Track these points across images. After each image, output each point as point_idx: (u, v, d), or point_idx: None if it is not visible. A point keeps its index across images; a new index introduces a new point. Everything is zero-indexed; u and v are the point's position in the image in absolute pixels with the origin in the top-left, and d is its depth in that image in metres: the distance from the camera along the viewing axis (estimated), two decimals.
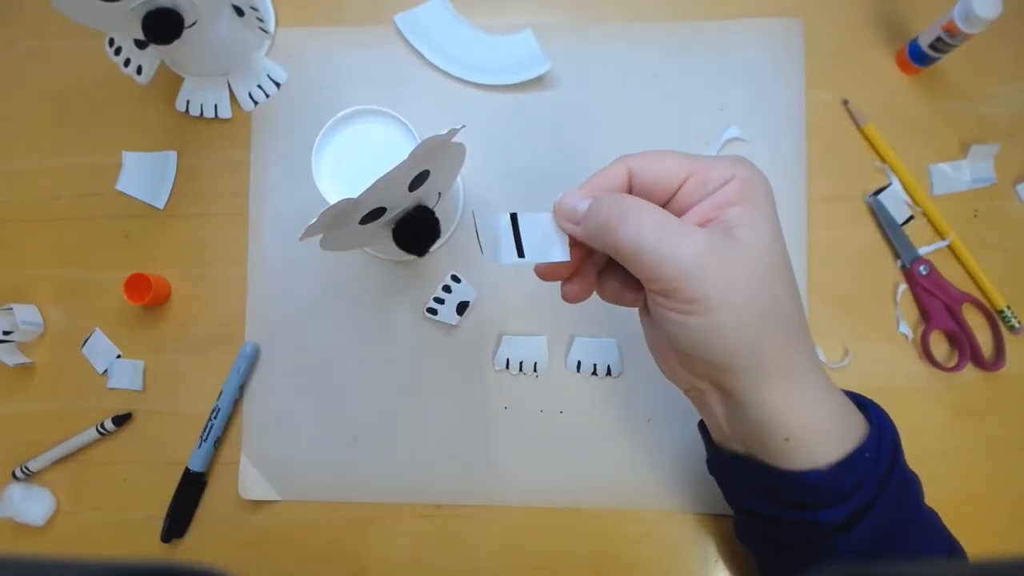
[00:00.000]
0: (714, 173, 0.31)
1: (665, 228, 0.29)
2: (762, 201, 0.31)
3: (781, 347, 0.31)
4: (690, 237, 0.29)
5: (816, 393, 0.32)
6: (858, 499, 0.32)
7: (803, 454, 0.32)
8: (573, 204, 0.32)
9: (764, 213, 0.31)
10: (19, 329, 0.51)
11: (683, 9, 0.53)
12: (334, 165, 0.44)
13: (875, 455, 0.32)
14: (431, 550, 0.49)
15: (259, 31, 0.51)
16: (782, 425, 0.32)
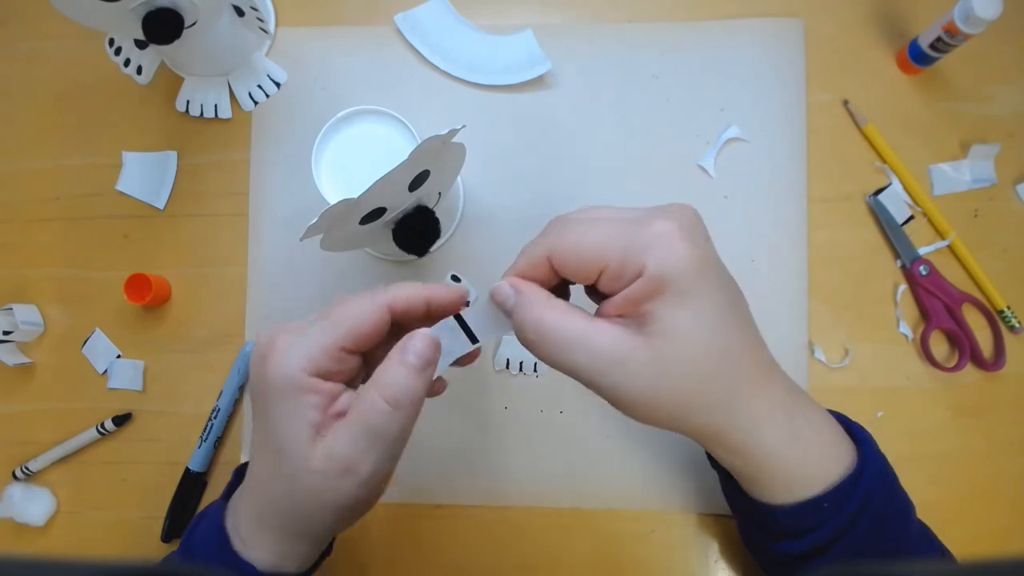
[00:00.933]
0: (627, 270, 0.29)
1: (568, 346, 0.30)
2: (675, 291, 0.29)
3: (710, 424, 0.31)
4: (592, 353, 0.30)
5: (765, 449, 0.32)
6: (815, 538, 0.32)
7: (763, 493, 0.33)
8: (502, 300, 0.32)
9: (679, 304, 0.29)
10: (19, 329, 0.51)
11: (683, 9, 0.53)
12: (334, 165, 0.44)
13: (836, 506, 0.32)
14: (431, 550, 0.49)
15: (259, 31, 0.51)
16: (734, 469, 0.33)
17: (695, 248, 0.29)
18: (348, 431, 0.30)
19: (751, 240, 0.50)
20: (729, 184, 0.51)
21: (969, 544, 0.48)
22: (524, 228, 0.51)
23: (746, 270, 0.50)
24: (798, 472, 0.32)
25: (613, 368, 0.29)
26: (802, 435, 0.32)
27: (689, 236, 0.29)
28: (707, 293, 0.29)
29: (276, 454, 0.31)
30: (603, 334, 0.30)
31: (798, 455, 0.32)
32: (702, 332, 0.29)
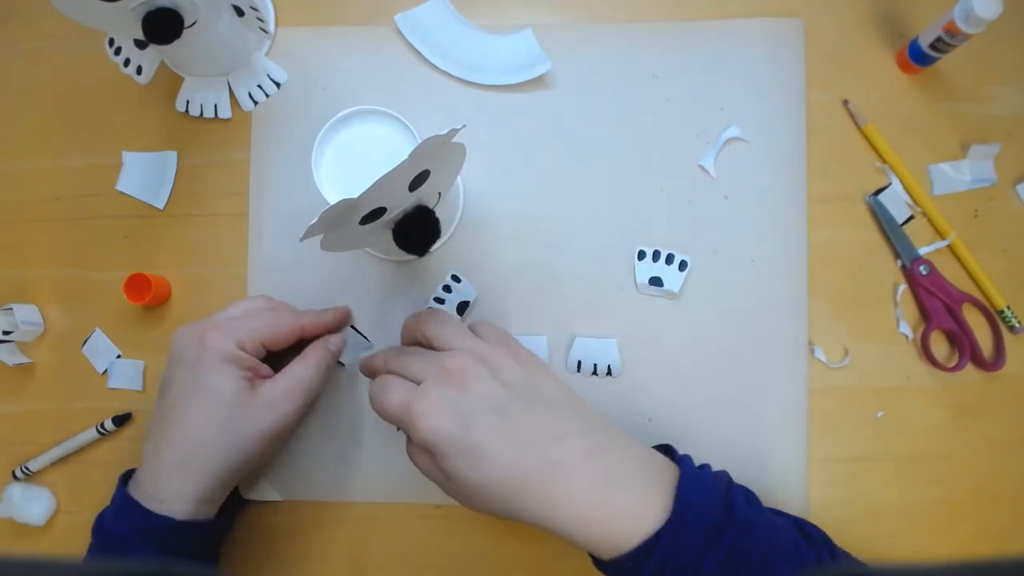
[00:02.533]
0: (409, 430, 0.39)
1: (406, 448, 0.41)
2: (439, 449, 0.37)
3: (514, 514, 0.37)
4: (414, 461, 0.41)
5: (571, 526, 0.36)
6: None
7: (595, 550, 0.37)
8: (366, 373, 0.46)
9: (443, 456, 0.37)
10: (19, 329, 0.51)
11: (683, 9, 0.53)
12: (334, 165, 0.44)
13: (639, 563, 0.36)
14: (431, 550, 0.49)
15: (259, 31, 0.51)
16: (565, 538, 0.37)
17: (439, 424, 0.37)
18: (281, 383, 0.44)
19: (751, 240, 0.50)
20: (729, 184, 0.51)
21: (969, 544, 0.48)
22: (524, 228, 0.51)
23: (746, 270, 0.50)
24: (597, 545, 0.37)
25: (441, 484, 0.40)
26: (599, 514, 0.36)
27: (436, 412, 0.37)
28: (463, 450, 0.37)
29: (214, 403, 0.42)
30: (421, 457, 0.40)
31: (593, 533, 0.36)
32: (472, 474, 0.37)
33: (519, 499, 0.37)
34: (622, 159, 0.51)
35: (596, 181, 0.51)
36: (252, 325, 0.44)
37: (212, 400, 0.42)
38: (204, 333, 0.42)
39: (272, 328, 0.44)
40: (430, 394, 0.38)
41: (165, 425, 0.42)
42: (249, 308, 0.46)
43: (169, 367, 0.43)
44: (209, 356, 0.42)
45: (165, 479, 0.41)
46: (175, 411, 0.42)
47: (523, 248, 0.51)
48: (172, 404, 0.42)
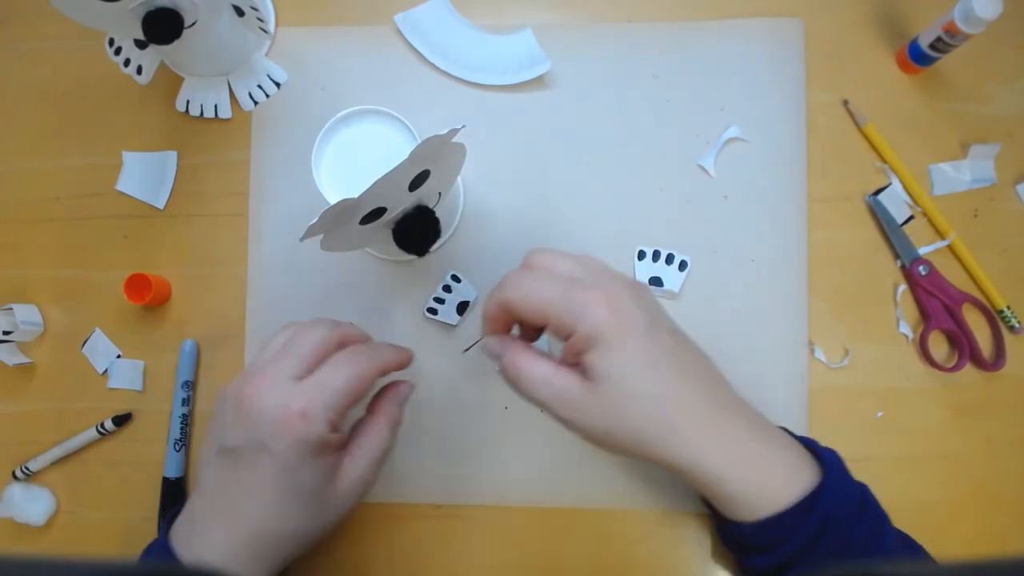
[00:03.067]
0: (563, 325, 0.35)
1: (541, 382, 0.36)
2: (605, 344, 0.35)
3: (662, 454, 0.36)
4: (553, 388, 0.36)
5: (720, 471, 0.36)
6: (780, 554, 0.36)
7: (723, 510, 0.37)
8: (490, 352, 0.39)
9: (613, 358, 0.35)
10: (19, 329, 0.51)
11: (683, 9, 0.53)
12: (334, 165, 0.44)
13: (797, 522, 0.35)
14: (431, 550, 0.49)
15: (259, 31, 0.51)
16: (696, 487, 0.37)
17: (616, 315, 0.35)
18: (362, 460, 0.40)
19: (751, 240, 0.50)
20: (729, 184, 0.51)
21: (969, 544, 0.48)
22: (524, 228, 0.51)
23: (746, 270, 0.50)
24: (753, 495, 0.36)
25: (570, 405, 0.36)
26: (753, 462, 0.36)
27: (612, 303, 0.35)
28: (632, 349, 0.35)
29: (300, 498, 0.37)
30: (562, 378, 0.36)
31: (751, 479, 0.36)
32: (631, 379, 0.35)
33: (677, 426, 0.35)
34: (622, 159, 0.51)
35: (596, 181, 0.51)
36: (338, 392, 0.37)
37: (297, 495, 0.37)
38: (292, 422, 0.36)
39: (358, 388, 0.38)
40: (605, 284, 0.36)
41: (233, 503, 0.37)
42: (319, 348, 0.39)
43: (245, 443, 0.37)
44: (299, 450, 0.36)
45: (227, 560, 0.36)
46: (249, 494, 0.37)
47: (523, 248, 0.50)
48: (246, 484, 0.37)
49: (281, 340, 0.40)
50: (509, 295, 0.37)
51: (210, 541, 0.37)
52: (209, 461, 0.38)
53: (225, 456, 0.37)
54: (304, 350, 0.39)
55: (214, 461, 0.38)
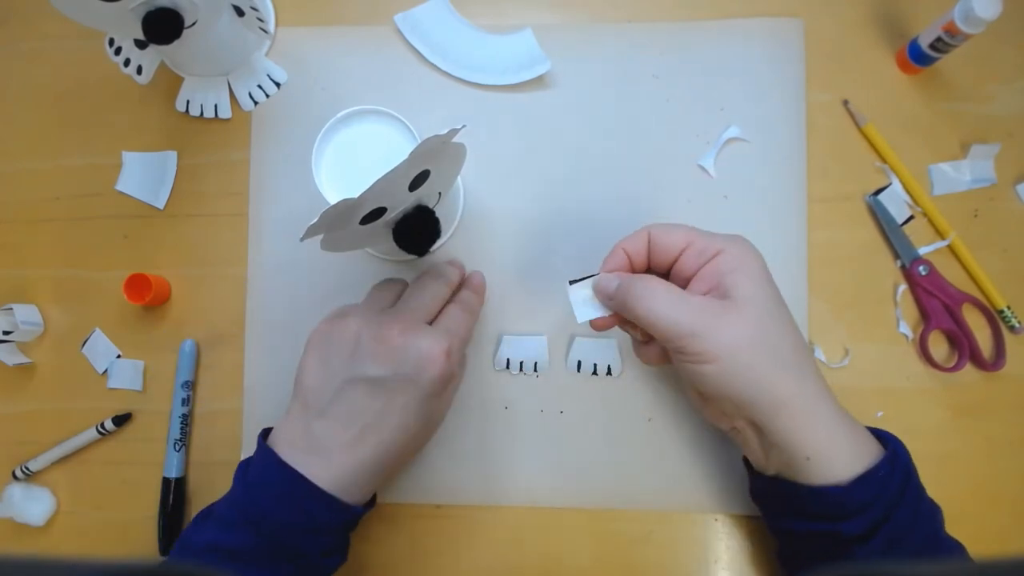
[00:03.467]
0: (708, 246, 0.38)
1: (670, 301, 0.37)
2: (751, 268, 0.38)
3: (785, 382, 0.36)
4: (689, 305, 0.37)
5: (828, 418, 0.37)
6: (874, 512, 0.36)
7: (822, 470, 0.37)
8: (606, 285, 0.40)
9: (754, 277, 0.38)
10: (19, 329, 0.51)
11: (683, 9, 0.53)
12: (334, 165, 0.44)
13: (888, 474, 0.36)
14: (431, 550, 0.49)
15: (259, 31, 0.51)
16: (801, 446, 0.37)
17: (758, 257, 0.39)
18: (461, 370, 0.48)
19: (751, 240, 0.50)
20: (729, 184, 0.51)
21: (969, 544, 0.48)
22: (524, 228, 0.51)
23: None
24: (852, 447, 0.37)
25: (709, 323, 0.36)
26: (844, 416, 0.38)
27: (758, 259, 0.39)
28: (767, 277, 0.38)
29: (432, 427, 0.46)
30: (697, 297, 0.38)
31: (848, 431, 0.37)
32: (771, 305, 0.37)
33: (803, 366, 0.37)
34: (622, 159, 0.51)
35: (596, 181, 0.51)
36: (464, 336, 0.45)
37: (428, 418, 0.43)
38: (438, 359, 0.41)
39: (473, 330, 0.47)
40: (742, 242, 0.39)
41: (371, 426, 0.41)
42: (439, 300, 0.46)
43: (392, 375, 0.41)
44: (440, 382, 0.42)
45: (349, 478, 0.40)
46: (390, 417, 0.41)
47: (523, 248, 0.51)
48: (388, 409, 0.41)
49: (391, 293, 0.46)
50: (654, 227, 0.40)
51: (339, 461, 0.40)
52: (341, 389, 0.41)
53: (367, 384, 0.41)
54: (427, 301, 0.45)
55: (347, 389, 0.41)
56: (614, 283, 0.40)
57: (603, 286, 0.41)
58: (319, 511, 0.39)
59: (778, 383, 0.36)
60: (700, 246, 0.39)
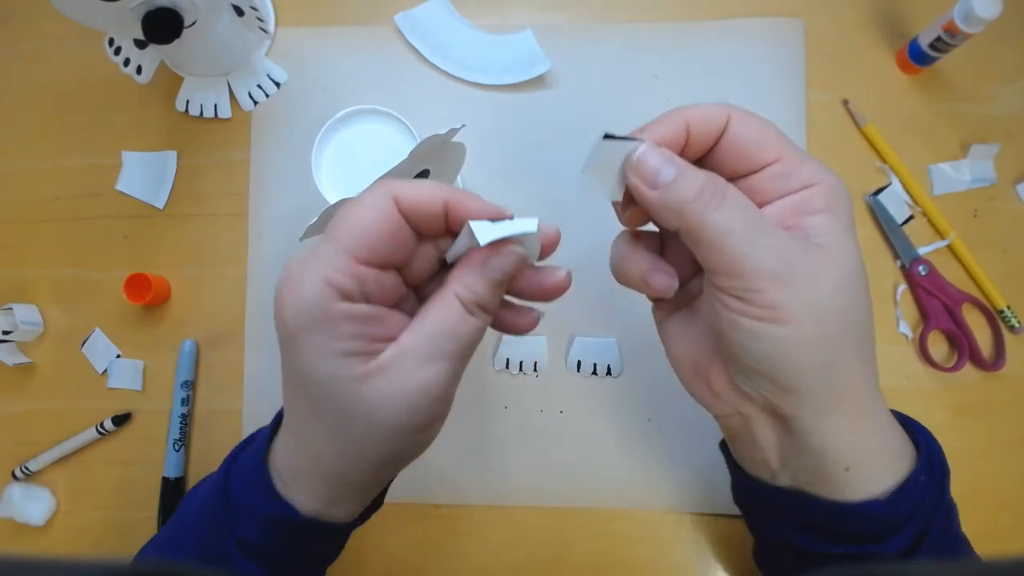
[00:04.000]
0: (804, 170, 0.28)
1: (757, 223, 0.27)
2: (845, 213, 0.29)
3: (856, 369, 0.28)
4: (781, 237, 0.27)
5: (878, 418, 0.30)
6: (913, 527, 0.30)
7: (862, 483, 0.30)
8: (656, 167, 0.27)
9: (847, 225, 0.28)
10: (19, 329, 0.51)
11: (683, 9, 0.53)
12: (334, 165, 0.44)
13: (927, 477, 0.30)
14: (431, 550, 0.49)
15: (259, 31, 0.51)
16: (845, 454, 0.29)
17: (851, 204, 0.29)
18: (412, 344, 0.27)
19: None
20: None
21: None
22: None
23: None
24: (893, 451, 0.30)
25: (798, 270, 0.26)
26: (888, 412, 0.31)
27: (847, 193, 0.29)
28: (855, 234, 0.29)
29: (313, 398, 0.28)
30: (783, 232, 0.27)
31: (891, 432, 0.31)
32: (859, 258, 0.28)
33: (858, 369, 0.29)
34: None
35: None
36: (330, 244, 0.26)
37: (309, 394, 0.28)
38: (281, 286, 0.28)
39: (358, 224, 0.26)
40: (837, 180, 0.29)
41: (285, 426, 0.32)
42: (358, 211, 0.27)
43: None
44: (287, 329, 0.27)
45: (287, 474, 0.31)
46: (286, 408, 0.31)
47: None
48: (284, 398, 0.31)
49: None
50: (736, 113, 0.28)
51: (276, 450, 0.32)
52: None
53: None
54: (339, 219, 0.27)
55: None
56: (669, 170, 0.27)
57: (649, 166, 0.27)
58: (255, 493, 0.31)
59: (848, 371, 0.28)
60: (792, 166, 0.28)
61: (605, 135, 0.27)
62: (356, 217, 0.26)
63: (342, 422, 0.27)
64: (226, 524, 0.31)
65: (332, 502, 0.31)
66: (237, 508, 0.32)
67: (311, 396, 0.28)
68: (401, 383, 0.26)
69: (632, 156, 0.28)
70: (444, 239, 0.29)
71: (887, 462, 0.30)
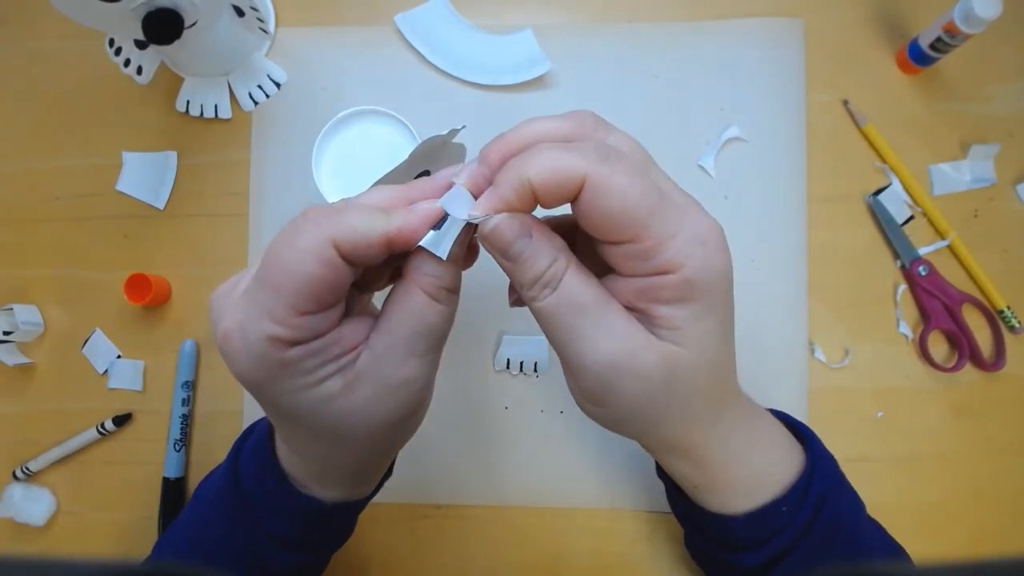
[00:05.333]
0: (663, 253, 0.25)
1: (585, 310, 0.26)
2: (703, 303, 0.26)
3: (686, 437, 0.29)
4: (605, 332, 0.26)
5: (729, 456, 0.30)
6: (772, 547, 0.31)
7: (714, 502, 0.31)
8: (511, 240, 0.26)
9: (702, 317, 0.26)
10: (19, 329, 0.51)
11: (683, 9, 0.53)
12: (334, 165, 0.44)
13: (794, 508, 0.31)
14: (431, 550, 0.49)
15: (259, 31, 0.51)
16: (689, 480, 0.31)
17: (728, 259, 0.26)
18: (388, 350, 0.26)
19: (751, 240, 0.50)
20: (729, 184, 0.51)
21: (969, 544, 0.48)
22: None
23: (746, 270, 0.50)
24: (757, 477, 0.31)
25: (620, 358, 0.26)
26: (760, 441, 0.32)
27: (725, 243, 0.26)
28: (724, 308, 0.27)
29: (307, 427, 0.28)
30: (619, 317, 0.26)
31: (758, 460, 0.31)
32: (712, 349, 0.27)
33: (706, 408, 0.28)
34: None
35: None
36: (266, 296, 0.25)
37: (299, 421, 0.28)
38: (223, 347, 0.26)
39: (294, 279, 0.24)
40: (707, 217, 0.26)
41: (283, 442, 0.32)
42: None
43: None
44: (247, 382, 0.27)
45: (301, 478, 0.32)
46: (279, 433, 0.32)
47: None
48: (275, 426, 0.32)
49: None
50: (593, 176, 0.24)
51: (282, 456, 0.32)
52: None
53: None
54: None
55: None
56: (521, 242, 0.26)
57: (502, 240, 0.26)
58: (271, 482, 0.32)
59: (676, 442, 0.29)
60: (649, 249, 0.25)
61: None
62: (295, 267, 0.24)
63: (339, 434, 0.28)
64: (248, 521, 0.33)
65: (351, 489, 0.33)
66: (260, 507, 0.33)
67: (302, 423, 0.28)
68: (385, 384, 0.27)
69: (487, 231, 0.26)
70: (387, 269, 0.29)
71: (740, 493, 0.31)
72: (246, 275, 0.27)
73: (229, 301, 0.26)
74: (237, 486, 0.33)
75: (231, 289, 0.27)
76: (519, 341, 0.50)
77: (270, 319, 0.25)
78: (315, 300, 0.25)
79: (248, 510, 0.33)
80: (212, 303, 0.27)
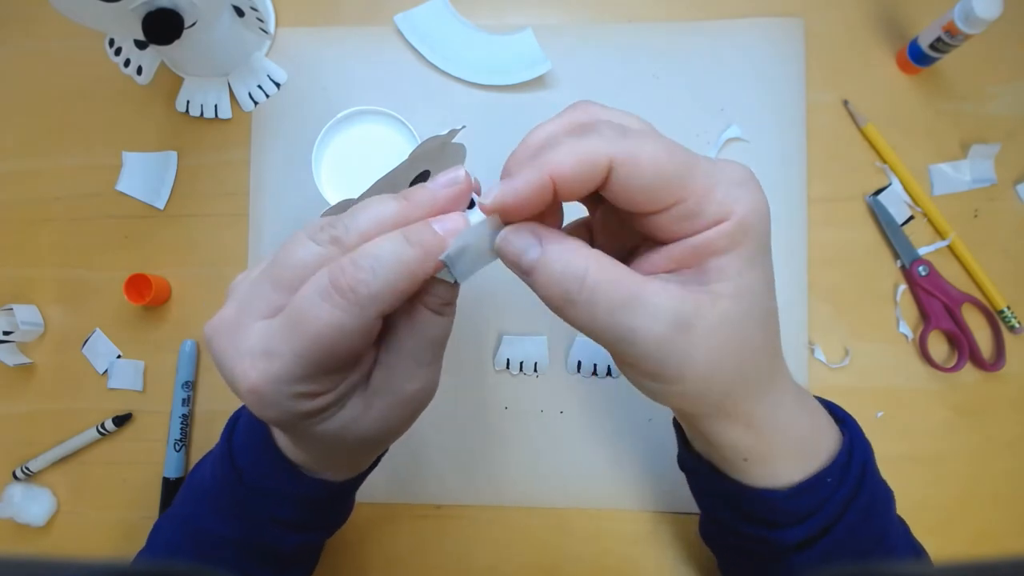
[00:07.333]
0: (710, 205, 0.24)
1: (624, 303, 0.24)
2: (754, 247, 0.25)
3: (747, 399, 0.28)
4: (651, 313, 0.24)
5: (781, 420, 0.29)
6: (816, 521, 0.30)
7: (761, 474, 0.30)
8: (520, 251, 0.24)
9: (754, 262, 0.25)
10: (19, 329, 0.51)
11: (683, 9, 0.53)
12: (334, 165, 0.44)
13: (838, 479, 0.30)
14: (431, 550, 0.49)
15: (259, 31, 0.51)
16: (740, 449, 0.30)
17: (766, 198, 0.26)
18: (401, 370, 0.27)
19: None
20: None
21: (969, 544, 0.48)
22: None
23: None
24: (808, 443, 0.30)
25: (677, 333, 0.24)
26: (807, 404, 0.31)
27: (758, 182, 0.26)
28: (768, 255, 0.26)
29: (328, 446, 0.30)
30: (663, 291, 0.24)
31: (807, 424, 0.30)
32: (765, 299, 0.26)
33: (746, 402, 0.27)
34: None
35: None
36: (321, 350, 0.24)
37: (322, 442, 0.29)
38: (248, 401, 0.26)
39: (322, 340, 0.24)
40: (740, 164, 0.27)
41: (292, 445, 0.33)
42: (310, 266, 0.25)
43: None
44: (271, 422, 0.30)
45: (314, 467, 0.33)
46: (293, 445, 0.33)
47: None
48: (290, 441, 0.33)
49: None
50: (620, 153, 0.24)
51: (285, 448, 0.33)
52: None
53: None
54: (286, 270, 0.25)
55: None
56: (534, 249, 0.24)
57: (514, 253, 0.25)
58: (275, 470, 0.33)
59: (739, 403, 0.28)
60: (697, 205, 0.24)
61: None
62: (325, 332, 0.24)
63: (358, 444, 0.29)
64: (254, 510, 0.34)
65: (357, 469, 0.36)
66: (268, 496, 0.34)
67: (322, 440, 0.28)
68: (399, 396, 0.28)
69: (499, 241, 0.25)
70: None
71: (790, 460, 0.30)
72: (243, 306, 0.26)
73: (235, 341, 0.25)
74: (240, 480, 0.34)
75: (233, 327, 0.26)
76: (519, 341, 0.50)
77: (293, 378, 0.25)
78: (340, 360, 0.25)
79: (254, 499, 0.34)
80: (212, 340, 0.26)
